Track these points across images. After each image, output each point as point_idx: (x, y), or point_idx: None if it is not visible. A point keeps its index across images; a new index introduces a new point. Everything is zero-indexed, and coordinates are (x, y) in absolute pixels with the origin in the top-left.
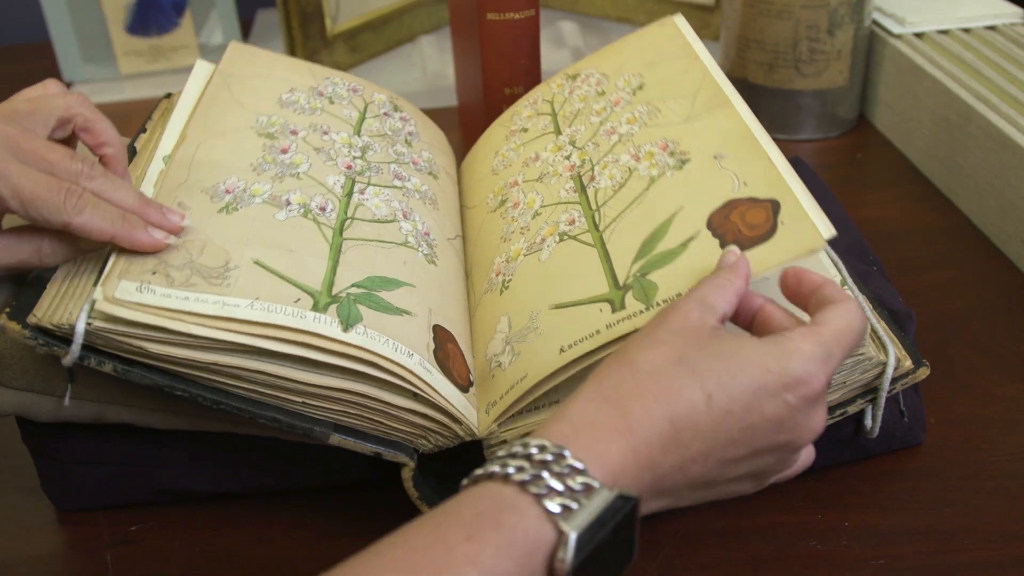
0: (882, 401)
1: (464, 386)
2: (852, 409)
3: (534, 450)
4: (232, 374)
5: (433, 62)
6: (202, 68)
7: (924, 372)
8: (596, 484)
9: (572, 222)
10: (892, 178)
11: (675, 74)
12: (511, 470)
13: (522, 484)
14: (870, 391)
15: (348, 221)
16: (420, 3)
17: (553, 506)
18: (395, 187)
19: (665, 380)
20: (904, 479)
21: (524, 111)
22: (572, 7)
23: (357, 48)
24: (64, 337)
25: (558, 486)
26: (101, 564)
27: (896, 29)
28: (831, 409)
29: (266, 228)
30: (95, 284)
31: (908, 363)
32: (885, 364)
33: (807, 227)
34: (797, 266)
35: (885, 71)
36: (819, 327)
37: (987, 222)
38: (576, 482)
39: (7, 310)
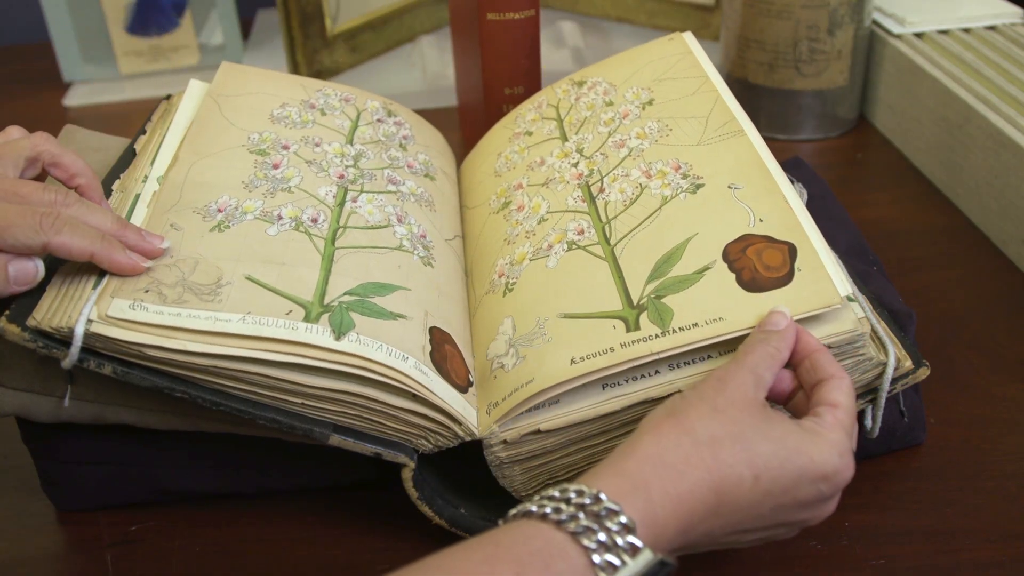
0: (882, 401)
1: (463, 386)
2: None
3: (588, 500)
4: (231, 376)
5: (433, 62)
6: (195, 88)
7: (924, 372)
8: (641, 545)
9: (581, 232)
10: (892, 178)
11: (686, 94)
12: (564, 517)
13: (575, 534)
14: (870, 391)
15: (340, 230)
16: (420, 3)
17: (600, 560)
18: (389, 192)
19: (720, 454)
20: (904, 479)
21: (528, 114)
22: (572, 7)
23: (357, 48)
24: (63, 340)
25: (607, 541)
26: (101, 564)
27: (896, 29)
28: None
29: (258, 244)
30: (94, 287)
31: (908, 363)
32: (885, 364)
33: (824, 280)
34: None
35: (885, 71)
36: (837, 411)
37: (987, 222)
38: (624, 540)
39: (7, 313)
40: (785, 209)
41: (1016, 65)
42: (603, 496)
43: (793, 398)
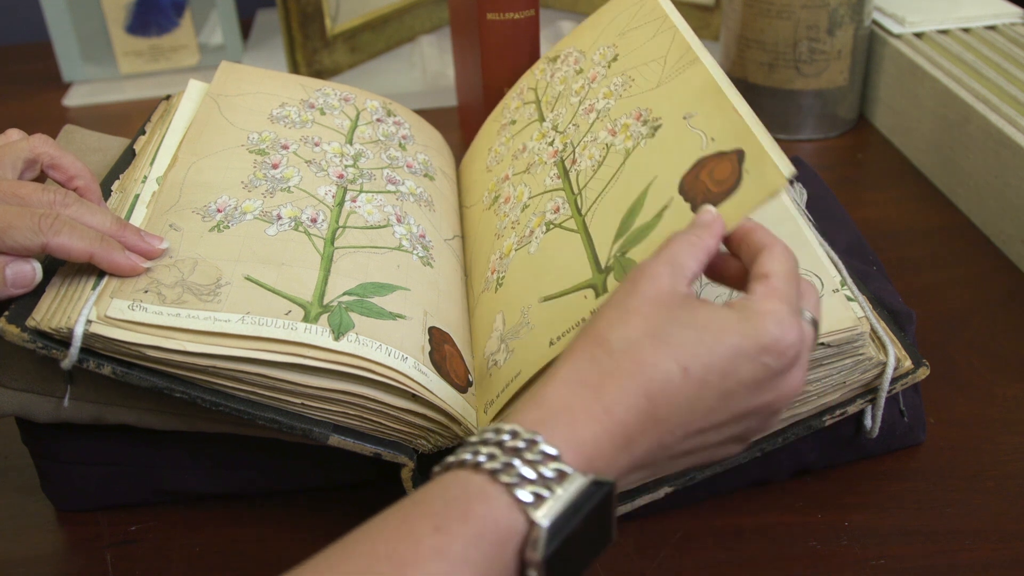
0: (882, 401)
1: (462, 386)
2: (852, 409)
3: (506, 437)
4: (231, 376)
5: (433, 62)
6: (195, 89)
7: (924, 372)
8: (570, 471)
9: (557, 210)
10: (892, 178)
11: (647, 39)
12: (482, 458)
13: (493, 473)
14: (870, 391)
15: (340, 230)
16: (420, 3)
17: (525, 495)
18: (388, 192)
19: (639, 356)
20: (904, 479)
21: (512, 103)
22: (572, 7)
23: (357, 48)
24: (63, 340)
25: (530, 474)
26: (101, 564)
27: (896, 29)
28: (831, 409)
29: (257, 244)
30: (93, 288)
31: (908, 363)
32: (885, 364)
33: (769, 169)
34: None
35: (885, 71)
36: (770, 280)
37: (987, 222)
38: (549, 469)
39: (6, 313)
40: (734, 119)
41: (1016, 65)
42: (520, 429)
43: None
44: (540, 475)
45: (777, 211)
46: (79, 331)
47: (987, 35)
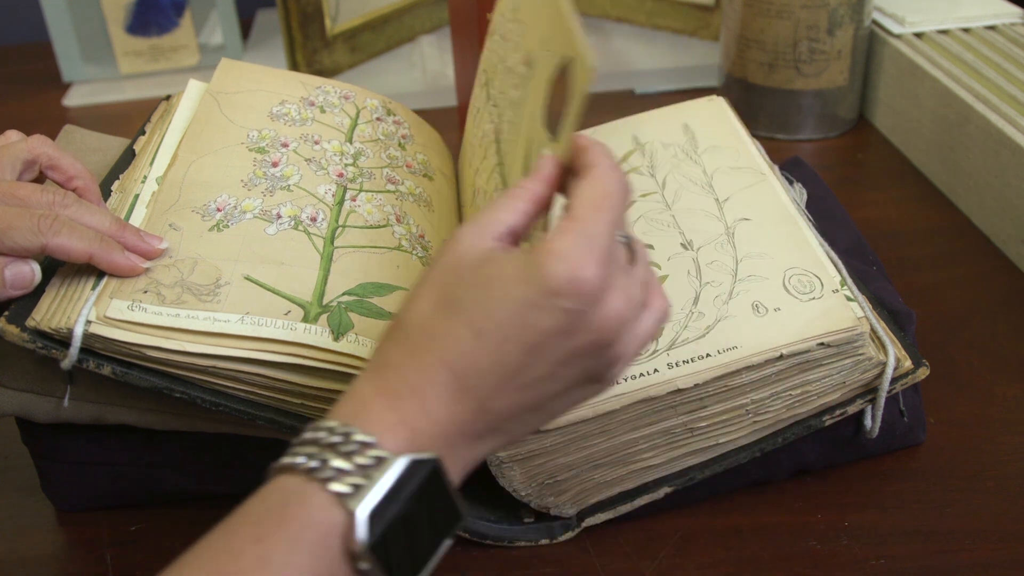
0: (882, 401)
1: None
2: (852, 409)
3: (322, 434)
4: (230, 376)
5: (433, 62)
6: (194, 88)
7: (924, 372)
8: (386, 455)
9: (497, 187)
10: (892, 178)
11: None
12: (300, 459)
13: (309, 471)
14: (870, 391)
15: (339, 229)
16: (420, 3)
17: (342, 487)
18: (388, 191)
19: (431, 328)
20: (904, 479)
21: (476, 89)
22: None
23: (357, 48)
24: (63, 340)
25: (346, 466)
26: (101, 564)
27: (896, 29)
28: (831, 409)
29: (257, 243)
30: (93, 288)
31: (908, 363)
32: (885, 364)
33: (579, 70)
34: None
35: (885, 71)
36: (569, 213)
37: (987, 222)
38: (366, 457)
39: (6, 313)
40: (565, 28)
41: (1016, 65)
42: (334, 423)
43: None
44: (357, 465)
45: (777, 211)
46: (79, 331)
47: (987, 35)
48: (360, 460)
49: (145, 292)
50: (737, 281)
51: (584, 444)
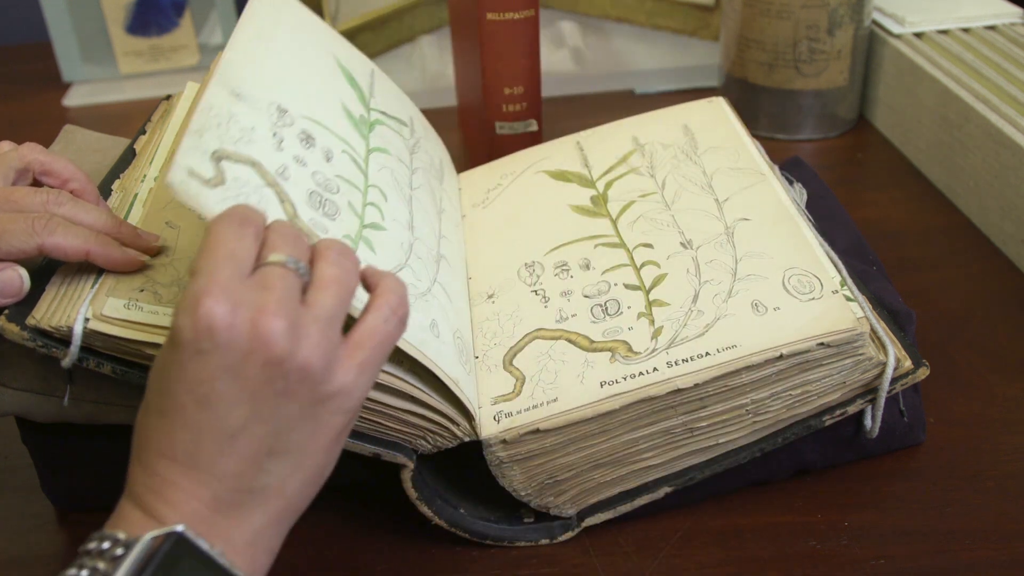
0: (882, 401)
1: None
2: (852, 409)
3: (93, 544)
4: None
5: (433, 62)
6: (193, 90)
7: (924, 372)
8: (131, 540)
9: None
10: (892, 178)
11: None
12: (72, 570)
13: None
14: (870, 391)
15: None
16: (420, 3)
17: None
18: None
19: (143, 432)
20: (904, 479)
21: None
22: (572, 7)
23: (357, 48)
24: (63, 339)
25: (98, 564)
26: None
27: (896, 29)
28: (831, 409)
29: None
30: (92, 286)
31: (908, 363)
32: (885, 364)
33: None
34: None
35: (885, 71)
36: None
37: (987, 222)
38: (119, 548)
39: (6, 312)
40: None
41: (1016, 65)
42: (105, 533)
43: None
44: (110, 559)
45: (777, 211)
46: (78, 329)
47: (987, 35)
48: (114, 553)
49: (142, 291)
50: (736, 280)
51: (584, 444)
